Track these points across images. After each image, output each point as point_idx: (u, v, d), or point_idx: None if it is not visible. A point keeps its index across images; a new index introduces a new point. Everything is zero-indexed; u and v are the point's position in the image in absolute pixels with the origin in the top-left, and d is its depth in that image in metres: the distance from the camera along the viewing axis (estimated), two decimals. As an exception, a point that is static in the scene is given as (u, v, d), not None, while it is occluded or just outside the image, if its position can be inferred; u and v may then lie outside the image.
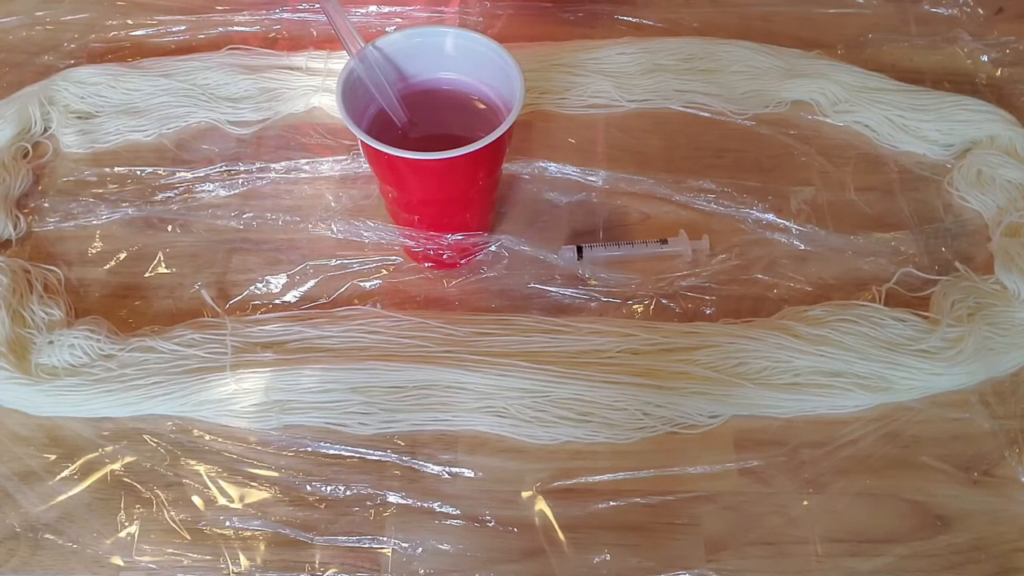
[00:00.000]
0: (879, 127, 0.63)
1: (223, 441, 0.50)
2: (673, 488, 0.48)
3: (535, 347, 0.52)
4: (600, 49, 0.67)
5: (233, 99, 0.66)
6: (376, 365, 0.50)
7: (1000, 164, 0.59)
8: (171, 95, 0.65)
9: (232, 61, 0.67)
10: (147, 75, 0.66)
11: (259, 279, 0.57)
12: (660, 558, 0.46)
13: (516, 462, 0.49)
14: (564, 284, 0.56)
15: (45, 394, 0.50)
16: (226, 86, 0.66)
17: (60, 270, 0.57)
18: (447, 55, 0.53)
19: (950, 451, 0.49)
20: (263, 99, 0.66)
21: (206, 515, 0.48)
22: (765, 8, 0.73)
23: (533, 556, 0.46)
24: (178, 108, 0.65)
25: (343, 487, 0.48)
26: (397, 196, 0.53)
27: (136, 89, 0.65)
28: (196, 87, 0.66)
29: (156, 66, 0.67)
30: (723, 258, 0.57)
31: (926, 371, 0.51)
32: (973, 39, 0.69)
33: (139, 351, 0.52)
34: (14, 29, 0.72)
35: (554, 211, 0.60)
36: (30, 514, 0.48)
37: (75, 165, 0.63)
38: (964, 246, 0.58)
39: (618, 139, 0.64)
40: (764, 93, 0.65)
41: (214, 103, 0.65)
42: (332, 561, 0.46)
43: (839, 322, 0.52)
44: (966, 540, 0.46)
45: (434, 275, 0.57)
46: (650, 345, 0.52)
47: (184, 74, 0.66)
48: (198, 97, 0.65)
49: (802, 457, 0.49)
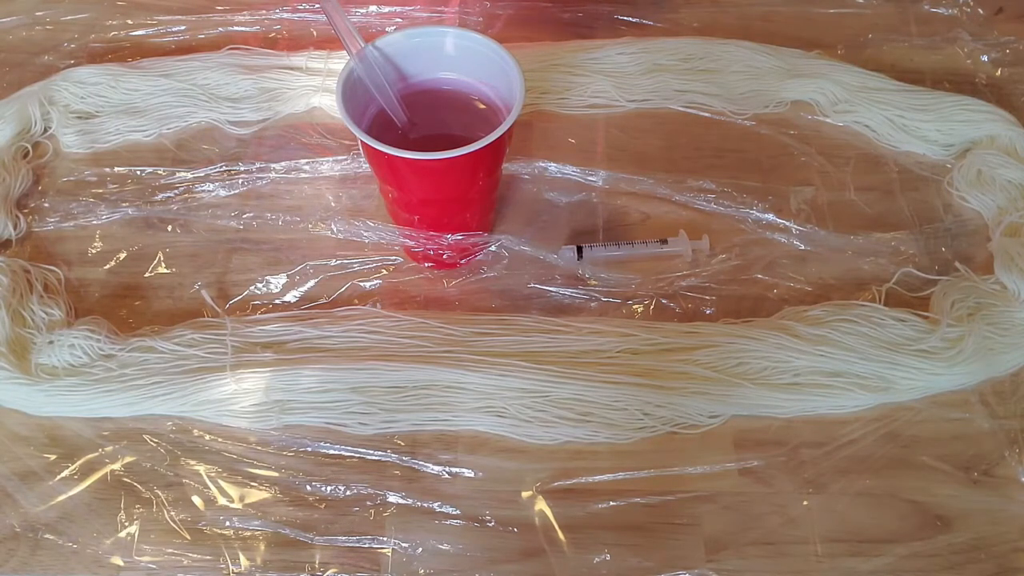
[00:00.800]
0: (879, 127, 0.63)
1: (223, 441, 0.50)
2: (673, 488, 0.48)
3: (535, 347, 0.52)
4: (600, 49, 0.67)
5: (233, 99, 0.66)
6: (376, 365, 0.50)
7: (1000, 164, 0.59)
8: (171, 95, 0.65)
9: (232, 61, 0.67)
10: (147, 75, 0.66)
11: (259, 279, 0.57)
12: (660, 558, 0.46)
13: (516, 462, 0.49)
14: (564, 284, 0.56)
15: (45, 394, 0.50)
16: (226, 86, 0.66)
17: (60, 270, 0.57)
18: (447, 55, 0.53)
19: (950, 451, 0.49)
20: (263, 99, 0.66)
21: (206, 515, 0.48)
22: (765, 8, 0.73)
23: (533, 556, 0.46)
24: (178, 108, 0.65)
25: (343, 487, 0.48)
26: (397, 196, 0.53)
27: (136, 89, 0.65)
28: (196, 87, 0.66)
29: (156, 66, 0.67)
30: (723, 258, 0.57)
31: (926, 371, 0.51)
32: (973, 39, 0.69)
33: (139, 351, 0.52)
34: (14, 29, 0.72)
35: (554, 211, 0.60)
36: (30, 514, 0.48)
37: (75, 165, 0.63)
38: (964, 246, 0.58)
39: (618, 139, 0.64)
40: (764, 93, 0.65)
41: (214, 103, 0.65)
42: (332, 561, 0.46)
43: (839, 322, 0.52)
44: (966, 540, 0.46)
45: (434, 275, 0.57)
46: (650, 345, 0.52)
47: (184, 74, 0.66)
48: (198, 97, 0.65)
49: (802, 457, 0.49)
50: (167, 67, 0.66)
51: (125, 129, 0.64)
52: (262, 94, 0.66)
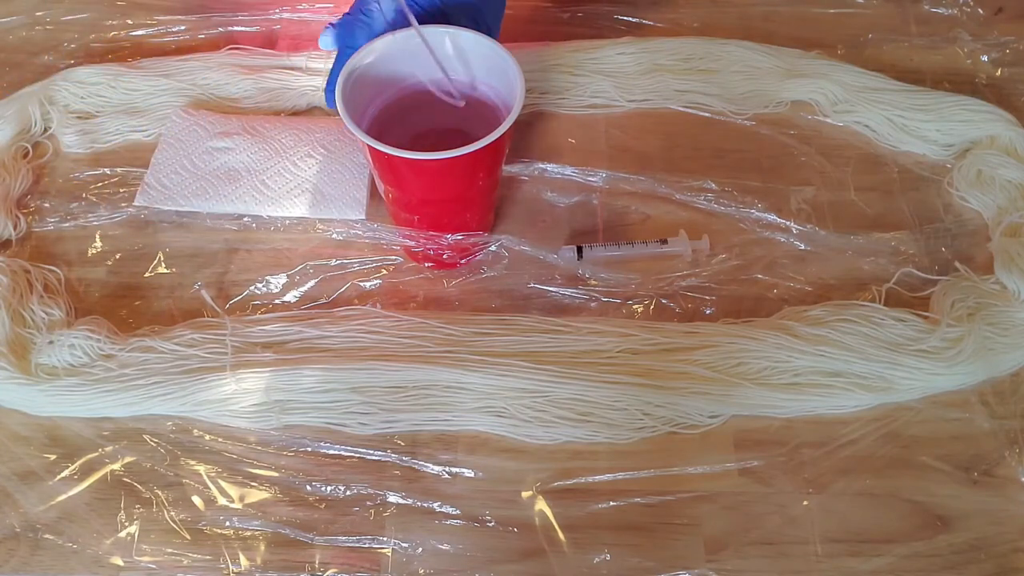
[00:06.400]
0: (879, 127, 0.63)
1: (223, 441, 0.50)
2: (673, 488, 0.48)
3: (535, 347, 0.52)
4: (600, 49, 0.67)
5: (233, 99, 0.66)
6: (376, 365, 0.50)
7: (1000, 164, 0.59)
8: (171, 95, 0.65)
9: (232, 61, 0.67)
10: (147, 75, 0.66)
11: (259, 279, 0.57)
12: (660, 558, 0.46)
13: (516, 462, 0.49)
14: (564, 284, 0.56)
15: (45, 394, 0.50)
16: (226, 86, 0.66)
17: (60, 270, 0.57)
18: (447, 55, 0.53)
19: (950, 451, 0.49)
20: (263, 99, 0.66)
21: (206, 515, 0.48)
22: (765, 8, 0.73)
23: (533, 556, 0.46)
24: (178, 108, 0.65)
25: (343, 487, 0.48)
26: (397, 196, 0.53)
27: (136, 89, 0.65)
28: (196, 87, 0.66)
29: (156, 66, 0.67)
30: (723, 258, 0.57)
31: (926, 371, 0.51)
32: (973, 39, 0.69)
33: (139, 351, 0.52)
34: (14, 29, 0.72)
35: (554, 211, 0.60)
36: (30, 514, 0.48)
37: (75, 165, 0.63)
38: (964, 246, 0.58)
39: (618, 139, 0.64)
40: (764, 93, 0.65)
41: (214, 103, 0.65)
42: (332, 561, 0.46)
43: (839, 322, 0.52)
44: (966, 540, 0.46)
45: (434, 275, 0.57)
46: (650, 345, 0.52)
47: (184, 74, 0.66)
48: (198, 97, 0.65)
49: (802, 457, 0.49)
50: (167, 67, 0.67)
51: (125, 129, 0.64)
52: (262, 94, 0.66)
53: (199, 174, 0.59)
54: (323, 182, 0.59)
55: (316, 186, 0.59)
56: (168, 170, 0.59)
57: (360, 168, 0.59)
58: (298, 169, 0.59)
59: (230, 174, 0.59)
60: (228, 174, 0.59)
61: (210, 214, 0.59)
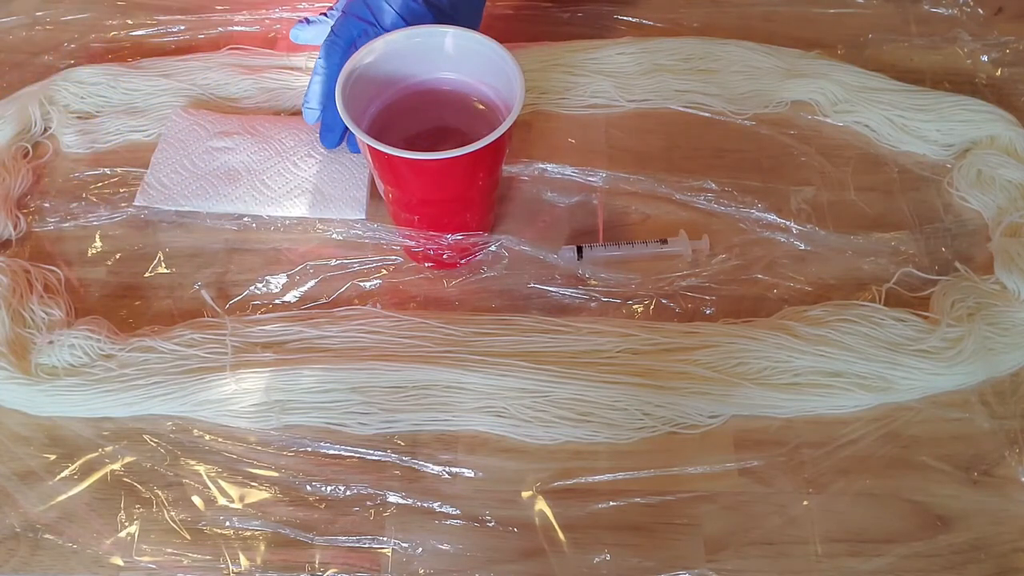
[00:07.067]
0: (879, 127, 0.63)
1: (223, 441, 0.50)
2: (673, 488, 0.48)
3: (535, 347, 0.52)
4: (600, 49, 0.67)
5: (233, 99, 0.66)
6: (376, 365, 0.50)
7: (1000, 164, 0.59)
8: (171, 95, 0.65)
9: (232, 61, 0.67)
10: (147, 75, 0.66)
11: (259, 279, 0.57)
12: (660, 558, 0.46)
13: (516, 462, 0.49)
14: (564, 284, 0.56)
15: (45, 394, 0.50)
16: (226, 86, 0.66)
17: (60, 270, 0.57)
18: (447, 55, 0.53)
19: (950, 451, 0.49)
20: (263, 99, 0.66)
21: (206, 515, 0.48)
22: (765, 8, 0.73)
23: (533, 556, 0.46)
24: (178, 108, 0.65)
25: (343, 487, 0.48)
26: (397, 196, 0.53)
27: (136, 89, 0.65)
28: (196, 87, 0.66)
29: (156, 66, 0.67)
30: (723, 258, 0.57)
31: (926, 371, 0.51)
32: (973, 39, 0.69)
33: (139, 351, 0.52)
34: (14, 29, 0.72)
35: (554, 211, 0.60)
36: (30, 514, 0.48)
37: (75, 165, 0.63)
38: (964, 246, 0.58)
39: (618, 139, 0.64)
40: (764, 93, 0.65)
41: (214, 103, 0.65)
42: (332, 561, 0.46)
43: (839, 322, 0.52)
44: (966, 540, 0.46)
45: (434, 275, 0.57)
46: (650, 345, 0.52)
47: (184, 74, 0.66)
48: (198, 97, 0.65)
49: (802, 457, 0.49)
50: (167, 67, 0.67)
51: (125, 129, 0.64)
52: (262, 94, 0.66)
53: (199, 174, 0.59)
54: (323, 182, 0.59)
55: (316, 186, 0.59)
56: (168, 170, 0.60)
57: (360, 168, 0.59)
58: (298, 169, 0.59)
59: (230, 174, 0.59)
60: (228, 174, 0.59)
61: (210, 214, 0.59)
